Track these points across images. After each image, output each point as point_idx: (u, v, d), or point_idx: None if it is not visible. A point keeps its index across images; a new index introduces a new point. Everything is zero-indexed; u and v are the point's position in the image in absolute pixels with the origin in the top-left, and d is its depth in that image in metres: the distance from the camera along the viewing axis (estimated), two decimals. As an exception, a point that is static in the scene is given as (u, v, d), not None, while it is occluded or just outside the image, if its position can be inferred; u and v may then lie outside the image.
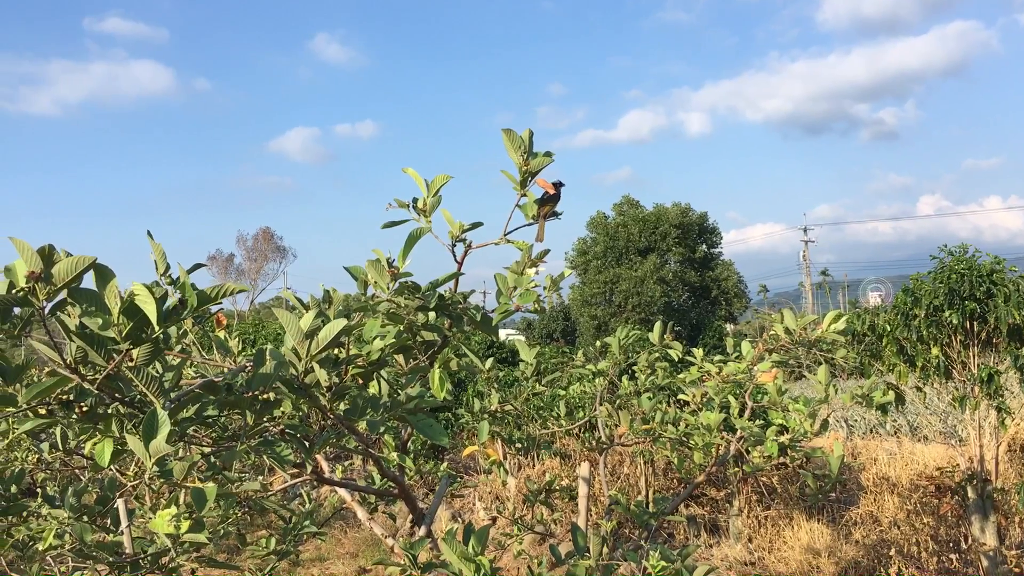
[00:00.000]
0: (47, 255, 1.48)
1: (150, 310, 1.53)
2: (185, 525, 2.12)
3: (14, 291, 1.47)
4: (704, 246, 38.36)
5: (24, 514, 3.05)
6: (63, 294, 1.52)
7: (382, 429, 3.25)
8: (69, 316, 1.60)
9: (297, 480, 2.70)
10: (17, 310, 1.53)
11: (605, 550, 2.16)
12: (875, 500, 8.51)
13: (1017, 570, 6.49)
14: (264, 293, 63.96)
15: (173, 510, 2.13)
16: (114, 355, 1.57)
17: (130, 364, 1.60)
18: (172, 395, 1.71)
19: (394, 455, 2.82)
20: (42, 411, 1.71)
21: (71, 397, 1.68)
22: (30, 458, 4.26)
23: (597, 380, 4.32)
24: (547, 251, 2.12)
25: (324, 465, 3.74)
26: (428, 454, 12.75)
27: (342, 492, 3.62)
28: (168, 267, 2.10)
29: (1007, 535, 7.15)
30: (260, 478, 3.48)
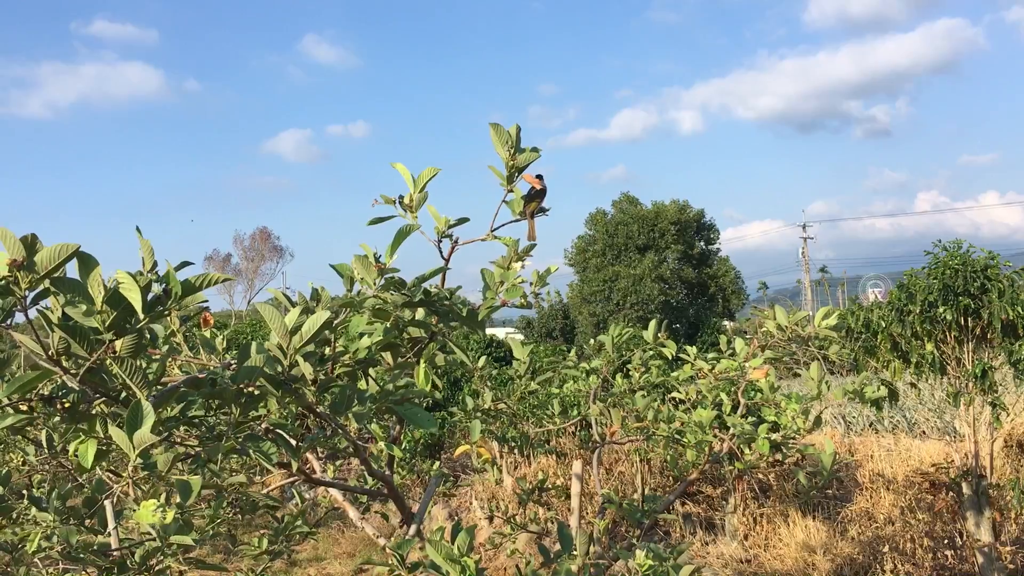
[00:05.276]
0: (29, 243, 1.45)
1: (134, 298, 1.51)
2: (170, 515, 2.10)
3: (-5, 280, 1.44)
4: (702, 243, 38.29)
5: (15, 516, 3.03)
6: (45, 284, 1.49)
7: (372, 424, 3.24)
8: (51, 310, 1.58)
9: (285, 480, 2.68)
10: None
11: (593, 548, 2.15)
12: (871, 497, 8.50)
13: (1012, 566, 6.48)
14: (262, 293, 64.04)
15: (160, 500, 2.11)
16: (97, 346, 1.55)
17: (113, 355, 1.57)
18: (156, 388, 1.69)
19: (382, 444, 2.80)
20: (23, 407, 1.69)
21: (53, 393, 1.66)
22: (26, 460, 4.24)
23: (591, 378, 4.31)
24: (533, 246, 2.10)
25: (316, 465, 3.72)
26: (424, 453, 12.76)
27: (334, 492, 3.60)
28: (155, 264, 2.08)
29: (1002, 531, 7.14)
30: (246, 475, 3.45)
